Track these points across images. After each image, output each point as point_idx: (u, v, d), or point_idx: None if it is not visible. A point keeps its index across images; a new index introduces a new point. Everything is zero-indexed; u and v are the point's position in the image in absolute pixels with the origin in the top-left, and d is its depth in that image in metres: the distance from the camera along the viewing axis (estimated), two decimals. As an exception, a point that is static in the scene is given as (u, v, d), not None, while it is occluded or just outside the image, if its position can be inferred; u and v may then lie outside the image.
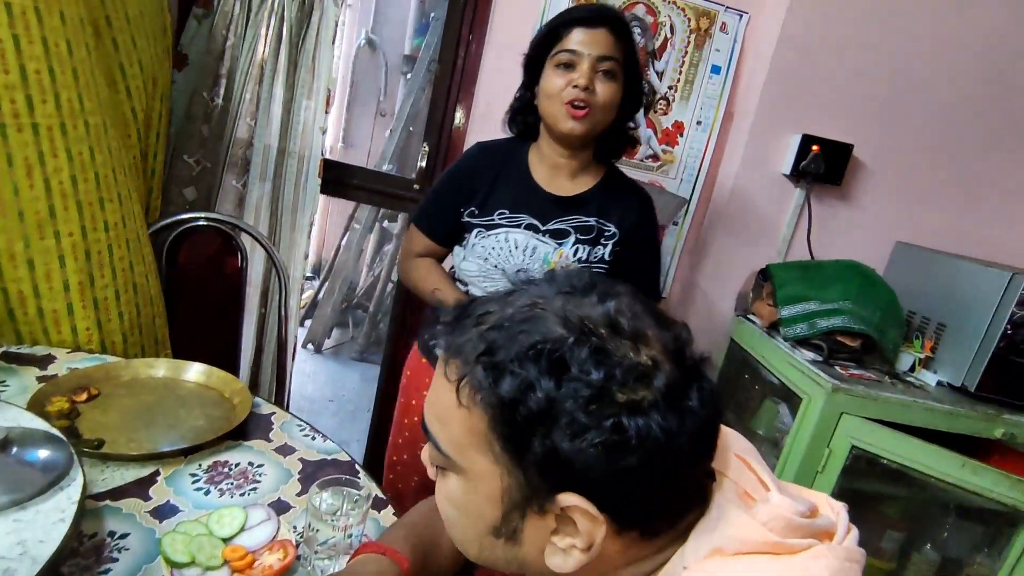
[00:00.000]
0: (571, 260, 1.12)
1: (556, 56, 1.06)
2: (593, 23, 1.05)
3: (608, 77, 1.06)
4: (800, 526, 0.46)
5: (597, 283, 0.49)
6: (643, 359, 0.43)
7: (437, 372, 0.50)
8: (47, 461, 0.65)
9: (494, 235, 1.13)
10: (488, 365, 0.44)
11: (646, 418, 0.42)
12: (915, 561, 1.46)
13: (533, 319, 0.45)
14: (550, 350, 0.43)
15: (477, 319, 0.47)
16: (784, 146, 1.66)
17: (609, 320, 0.45)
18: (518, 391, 0.42)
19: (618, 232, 1.14)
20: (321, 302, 3.27)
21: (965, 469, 1.26)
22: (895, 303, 1.51)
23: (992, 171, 1.72)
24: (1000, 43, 1.62)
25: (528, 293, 0.48)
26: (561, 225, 1.13)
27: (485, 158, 1.19)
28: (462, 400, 0.45)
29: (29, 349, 1.07)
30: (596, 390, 0.42)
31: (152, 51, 1.32)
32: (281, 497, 0.84)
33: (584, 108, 1.05)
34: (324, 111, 1.62)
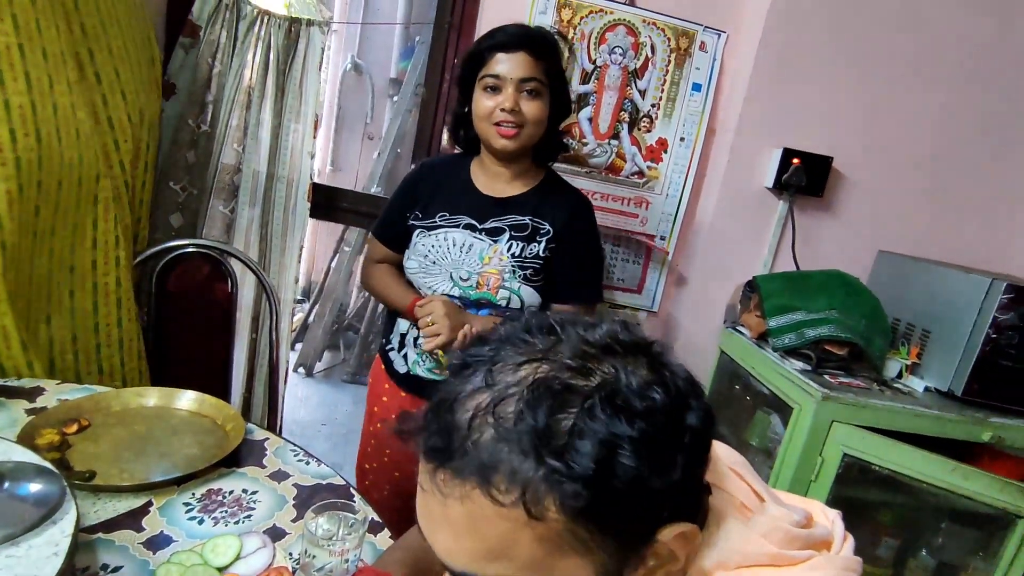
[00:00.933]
0: (505, 256, 1.18)
1: (483, 80, 1.14)
2: (512, 48, 1.12)
3: (532, 96, 1.14)
4: (798, 537, 0.46)
5: (557, 317, 0.46)
6: (655, 362, 0.44)
7: (455, 510, 0.40)
8: (39, 495, 0.65)
9: (434, 235, 1.20)
10: (555, 453, 0.37)
11: (693, 410, 0.42)
12: (911, 567, 1.46)
13: (556, 384, 0.40)
14: (604, 400, 0.39)
15: (492, 419, 0.39)
16: (766, 160, 1.69)
17: (609, 346, 0.43)
18: (601, 456, 0.37)
19: (552, 230, 1.19)
20: (312, 325, 3.26)
21: (955, 473, 1.28)
22: (880, 311, 1.53)
23: (969, 179, 1.76)
24: (977, 54, 1.67)
25: (508, 364, 0.42)
26: (497, 224, 1.19)
27: (428, 170, 1.29)
28: (533, 512, 0.38)
29: (17, 382, 1.07)
30: (666, 413, 0.40)
31: (137, 82, 1.33)
32: (276, 524, 0.84)
33: (514, 128, 1.13)
34: (312, 135, 1.63)
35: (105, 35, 1.23)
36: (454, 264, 1.19)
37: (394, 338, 1.29)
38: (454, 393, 0.42)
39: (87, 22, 1.19)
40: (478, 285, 1.18)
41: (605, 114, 1.69)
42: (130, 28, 1.30)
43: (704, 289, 1.78)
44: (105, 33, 1.23)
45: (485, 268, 1.18)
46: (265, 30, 1.55)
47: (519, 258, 1.18)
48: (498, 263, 1.18)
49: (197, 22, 1.49)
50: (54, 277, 1.23)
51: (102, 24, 1.22)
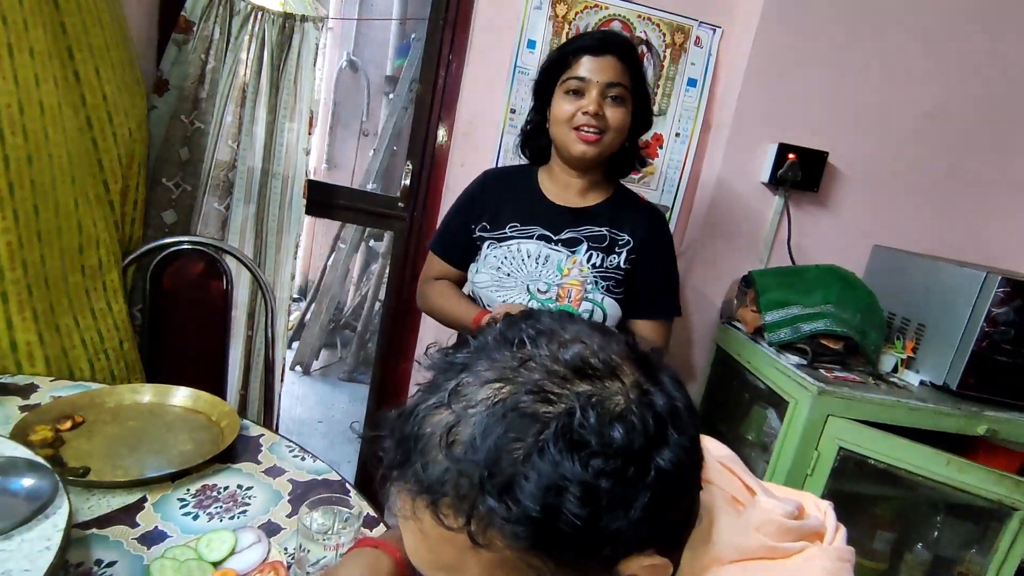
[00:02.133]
0: (585, 267, 1.13)
1: (565, 83, 1.10)
2: (600, 51, 1.09)
3: (617, 103, 1.10)
4: (791, 528, 0.46)
5: (533, 327, 0.44)
6: (633, 390, 0.40)
7: (414, 522, 0.40)
8: (31, 489, 0.65)
9: (506, 246, 1.15)
10: (496, 490, 0.36)
11: (670, 447, 0.39)
12: (907, 561, 1.47)
13: (511, 411, 0.38)
14: (556, 435, 0.37)
15: (443, 441, 0.38)
16: (761, 155, 1.70)
17: (581, 368, 0.40)
18: (547, 500, 0.36)
19: (632, 241, 1.16)
20: (308, 323, 3.25)
21: (951, 467, 1.28)
22: (875, 305, 1.53)
23: (965, 174, 1.77)
24: (972, 48, 1.68)
25: (476, 380, 0.40)
26: (573, 234, 1.15)
27: (493, 181, 1.23)
28: (479, 540, 0.38)
29: (11, 379, 1.06)
30: (626, 452, 0.37)
31: (119, 81, 1.32)
32: (271, 519, 0.84)
33: (596, 134, 1.08)
34: (307, 132, 1.63)
35: (86, 34, 1.22)
36: (530, 276, 1.14)
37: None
38: (419, 404, 0.41)
39: (67, 21, 1.18)
40: (558, 297, 1.13)
41: (601, 110, 1.69)
42: (112, 28, 1.30)
43: (700, 284, 1.78)
44: (86, 32, 1.22)
45: (565, 280, 1.13)
46: (259, 26, 1.55)
47: (600, 268, 1.14)
48: (579, 274, 1.13)
49: (190, 18, 1.48)
50: (70, 279, 1.23)
51: (83, 24, 1.21)
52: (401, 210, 1.77)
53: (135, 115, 1.39)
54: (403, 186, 1.76)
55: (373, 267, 3.52)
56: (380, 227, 2.58)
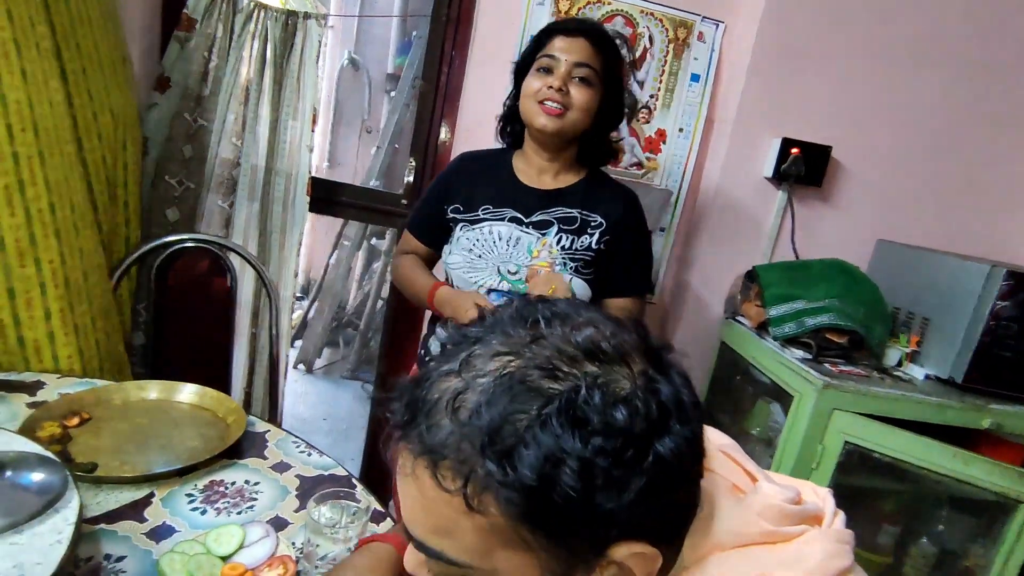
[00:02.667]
0: (555, 249, 1.15)
1: (538, 61, 1.13)
2: (572, 33, 1.11)
3: (584, 83, 1.11)
4: (791, 513, 0.47)
5: (549, 308, 0.45)
6: (640, 377, 0.41)
7: (414, 482, 0.42)
8: (42, 484, 0.65)
9: (478, 228, 1.17)
10: (497, 455, 0.37)
11: (672, 435, 0.40)
12: (912, 554, 1.47)
13: (518, 383, 0.39)
14: (560, 409, 0.38)
15: (450, 406, 0.40)
16: (765, 150, 1.69)
17: (591, 351, 0.41)
18: (545, 470, 0.37)
19: (604, 223, 1.17)
20: (311, 321, 3.26)
21: (956, 460, 1.28)
22: (880, 299, 1.53)
23: (969, 167, 1.76)
24: (976, 42, 1.67)
25: (488, 351, 0.42)
26: (544, 216, 1.17)
27: (468, 163, 1.26)
28: (473, 504, 0.39)
29: (18, 376, 1.06)
30: (625, 435, 0.38)
31: (108, 81, 1.32)
32: (279, 514, 0.84)
33: (559, 108, 1.10)
34: (310, 129, 1.63)
35: (74, 34, 1.22)
36: (501, 258, 1.15)
37: (433, 349, 1.26)
38: (432, 371, 0.43)
39: (56, 20, 1.18)
40: (527, 278, 1.15)
41: (603, 105, 1.69)
42: (101, 28, 1.29)
43: (704, 279, 1.78)
44: (74, 32, 1.22)
45: (535, 261, 1.15)
46: (262, 24, 1.55)
47: (569, 251, 1.16)
48: (548, 256, 1.15)
49: (193, 15, 1.48)
50: (90, 277, 1.23)
51: (71, 23, 1.21)
52: (404, 207, 1.77)
53: (126, 115, 1.39)
54: (406, 183, 1.76)
55: (375, 265, 3.52)
56: (383, 224, 2.59)
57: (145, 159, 1.54)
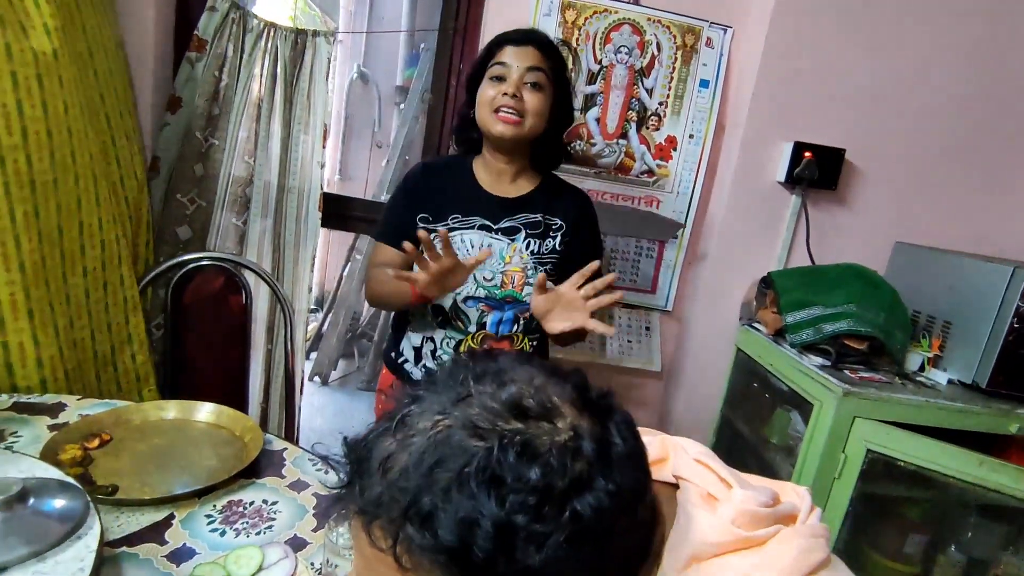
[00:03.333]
0: (524, 254, 1.21)
1: (490, 69, 1.18)
2: (521, 42, 1.17)
3: (535, 88, 1.16)
4: (764, 516, 0.48)
5: (482, 365, 0.46)
6: (564, 433, 0.41)
7: (356, 540, 0.44)
8: (64, 510, 0.65)
9: (449, 238, 1.18)
10: (418, 518, 0.39)
11: (593, 491, 0.40)
12: (940, 563, 1.43)
13: (443, 443, 0.40)
14: (477, 470, 0.39)
15: (382, 467, 0.41)
16: (777, 154, 1.68)
17: (516, 406, 0.42)
18: (463, 532, 0.38)
19: (564, 225, 1.24)
20: (326, 334, 3.27)
21: (983, 467, 1.25)
22: (899, 303, 1.51)
23: (985, 166, 1.73)
24: (989, 39, 1.65)
25: (423, 411, 0.43)
26: (511, 223, 1.22)
27: (431, 172, 1.29)
28: (404, 564, 0.40)
29: (39, 398, 1.08)
30: (540, 492, 0.39)
31: (120, 107, 1.35)
32: (297, 534, 0.84)
33: (515, 116, 1.15)
34: (321, 145, 1.64)
35: (92, 62, 1.25)
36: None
37: (406, 351, 1.28)
38: (372, 431, 0.45)
39: (79, 48, 1.21)
40: (503, 284, 1.20)
41: (612, 114, 1.69)
42: (115, 54, 1.33)
43: (718, 286, 1.76)
44: (93, 60, 1.25)
45: (508, 267, 1.20)
46: (272, 42, 1.57)
47: (537, 254, 1.21)
48: (519, 261, 1.21)
49: (203, 36, 1.51)
50: (92, 295, 1.25)
51: (89, 51, 1.24)
52: (416, 220, 1.78)
53: (135, 138, 1.42)
54: (417, 196, 1.77)
55: (388, 276, 3.53)
56: (394, 237, 2.59)
57: (157, 178, 1.56)
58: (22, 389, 1.11)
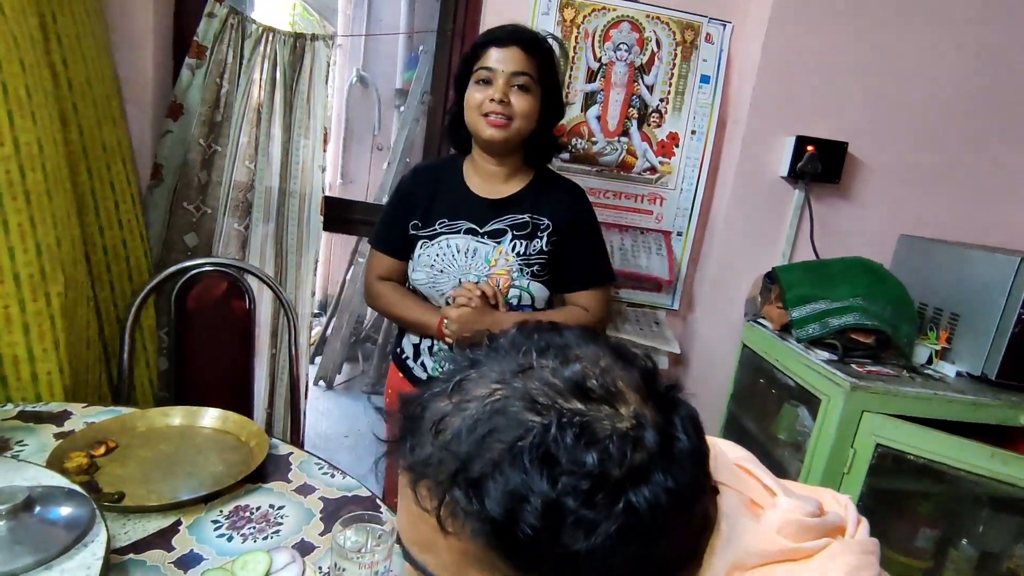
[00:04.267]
0: (510, 256, 1.20)
1: (476, 73, 1.17)
2: (505, 43, 1.15)
3: (522, 90, 1.16)
4: (812, 526, 0.45)
5: (547, 339, 0.45)
6: (626, 420, 0.40)
7: (402, 495, 0.43)
8: (70, 518, 0.65)
9: (436, 243, 1.21)
10: (466, 484, 0.38)
11: (650, 485, 0.39)
12: (953, 558, 1.42)
13: (499, 413, 0.39)
14: (532, 446, 0.38)
15: (435, 428, 0.41)
16: (779, 149, 1.67)
17: (579, 386, 0.40)
18: (510, 505, 0.37)
19: (551, 224, 1.22)
20: (330, 338, 3.27)
21: (995, 460, 1.24)
22: (905, 296, 1.49)
23: (990, 157, 1.72)
24: (991, 31, 1.64)
25: (480, 377, 0.42)
26: (498, 225, 1.21)
27: (421, 177, 1.29)
28: (447, 528, 0.40)
29: (45, 406, 1.08)
30: (595, 478, 0.37)
31: (99, 117, 1.35)
32: (304, 538, 0.83)
33: (504, 120, 1.15)
34: (322, 149, 1.64)
35: (66, 72, 1.25)
36: (461, 270, 1.20)
37: (407, 348, 1.30)
38: (427, 391, 0.44)
39: (54, 59, 1.20)
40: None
41: (613, 111, 1.68)
42: (95, 64, 1.33)
43: (723, 283, 1.75)
44: (67, 70, 1.24)
45: (493, 270, 1.19)
46: (271, 47, 1.57)
47: (524, 256, 1.20)
48: (504, 264, 1.20)
49: (203, 43, 1.51)
50: (79, 307, 1.25)
51: (63, 61, 1.23)
52: (418, 222, 1.77)
53: (120, 149, 1.41)
54: (419, 198, 1.76)
55: (391, 279, 3.53)
56: (397, 239, 2.58)
57: (161, 186, 1.56)
58: (16, 400, 1.11)
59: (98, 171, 1.36)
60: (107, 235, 1.40)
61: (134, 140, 1.55)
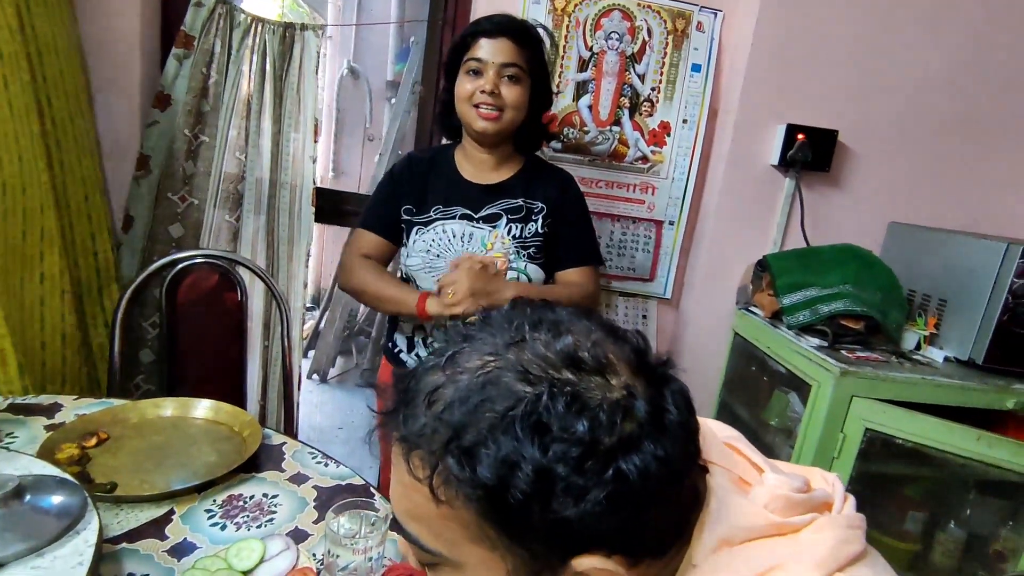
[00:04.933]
0: (506, 239, 1.21)
1: (466, 63, 1.17)
2: (495, 34, 1.16)
3: (512, 81, 1.16)
4: (799, 502, 0.46)
5: (539, 314, 0.45)
6: (617, 391, 0.40)
7: (395, 467, 0.44)
8: (61, 507, 0.65)
9: (432, 229, 1.22)
10: (459, 452, 0.39)
11: (640, 453, 0.39)
12: (940, 540, 1.44)
13: (491, 383, 0.40)
14: (524, 414, 0.38)
15: (427, 399, 0.41)
16: (770, 137, 1.67)
17: (571, 358, 0.41)
18: (502, 472, 0.38)
19: (545, 207, 1.24)
20: (323, 331, 3.27)
21: (981, 443, 1.26)
22: (895, 283, 1.51)
23: (978, 145, 1.73)
24: (981, 18, 1.64)
25: (473, 350, 0.43)
26: (492, 210, 1.22)
27: (414, 164, 1.29)
28: (440, 496, 0.40)
29: (35, 399, 1.07)
30: (586, 445, 0.38)
31: (71, 110, 1.34)
32: (298, 526, 0.84)
33: (495, 111, 1.15)
34: (313, 140, 1.63)
35: (41, 64, 1.24)
36: (458, 255, 1.20)
37: (399, 341, 1.30)
38: (421, 364, 0.45)
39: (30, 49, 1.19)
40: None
41: (605, 101, 1.68)
42: (67, 56, 1.32)
43: (714, 271, 1.76)
44: (41, 62, 1.24)
45: (490, 254, 1.20)
46: (260, 38, 1.55)
47: (520, 239, 1.22)
48: (501, 247, 1.21)
49: (190, 32, 1.49)
50: (47, 302, 1.24)
51: (39, 53, 1.22)
52: (410, 213, 1.77)
53: (88, 145, 1.40)
54: (410, 189, 1.76)
55: (384, 272, 3.52)
56: (389, 231, 2.58)
57: (148, 177, 1.54)
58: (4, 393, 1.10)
59: (70, 164, 1.35)
60: (76, 230, 1.39)
61: (120, 131, 1.54)
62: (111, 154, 1.54)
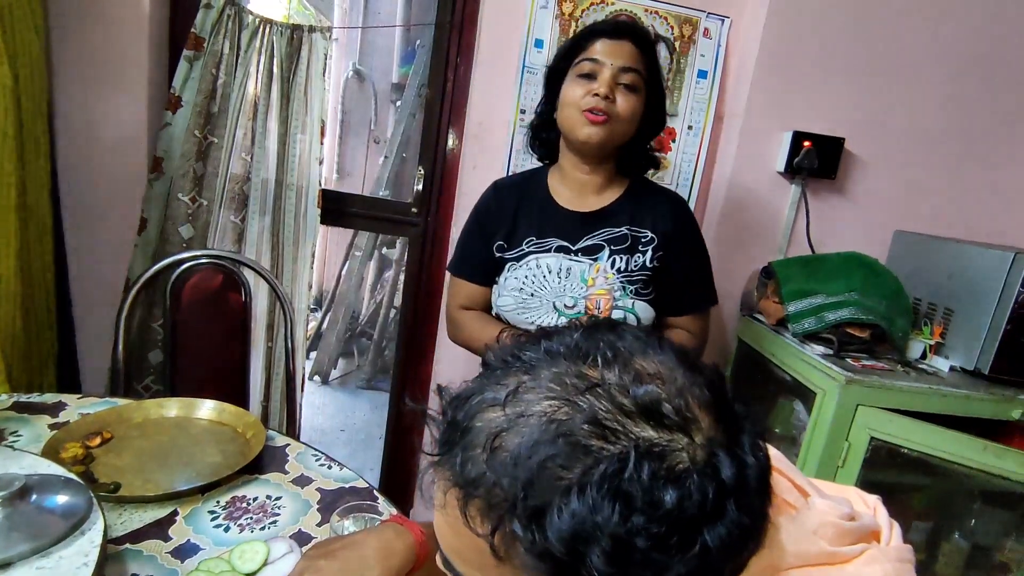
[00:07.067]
0: (610, 273, 1.08)
1: (578, 65, 1.06)
2: (616, 35, 1.05)
3: (629, 90, 1.04)
4: (849, 530, 0.44)
5: (610, 344, 0.41)
6: (701, 451, 0.37)
7: (445, 505, 0.40)
8: (66, 506, 0.65)
9: (524, 264, 1.10)
10: (526, 514, 0.35)
11: (725, 522, 0.36)
12: (945, 551, 1.43)
13: (564, 437, 0.35)
14: (601, 479, 0.34)
15: (488, 444, 0.37)
16: (776, 144, 1.67)
17: (651, 411, 0.37)
18: (575, 544, 0.34)
19: (655, 237, 1.10)
20: (325, 333, 3.27)
21: (987, 453, 1.25)
22: (900, 291, 1.50)
23: (985, 153, 1.73)
24: (988, 25, 1.64)
25: (538, 386, 0.38)
26: (592, 241, 1.09)
27: (502, 193, 1.17)
28: (500, 554, 0.37)
29: (40, 397, 1.07)
30: (672, 519, 0.34)
31: (33, 110, 1.34)
32: (302, 528, 0.83)
33: (603, 116, 1.02)
34: (319, 142, 1.63)
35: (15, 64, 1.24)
36: (555, 292, 1.09)
37: None
38: (476, 394, 0.40)
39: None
40: (587, 310, 1.08)
41: (611, 106, 1.68)
42: (37, 58, 1.32)
43: (719, 277, 1.74)
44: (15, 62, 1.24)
45: (592, 291, 1.08)
46: (267, 39, 1.56)
47: (625, 272, 1.08)
48: (604, 282, 1.08)
49: (200, 34, 1.50)
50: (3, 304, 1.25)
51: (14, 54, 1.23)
52: (415, 215, 1.77)
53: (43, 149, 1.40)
54: (415, 191, 1.76)
55: (387, 274, 3.53)
56: (395, 233, 2.59)
57: (162, 179, 1.55)
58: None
59: (30, 167, 1.36)
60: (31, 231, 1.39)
61: (129, 132, 1.54)
62: (120, 156, 1.54)
